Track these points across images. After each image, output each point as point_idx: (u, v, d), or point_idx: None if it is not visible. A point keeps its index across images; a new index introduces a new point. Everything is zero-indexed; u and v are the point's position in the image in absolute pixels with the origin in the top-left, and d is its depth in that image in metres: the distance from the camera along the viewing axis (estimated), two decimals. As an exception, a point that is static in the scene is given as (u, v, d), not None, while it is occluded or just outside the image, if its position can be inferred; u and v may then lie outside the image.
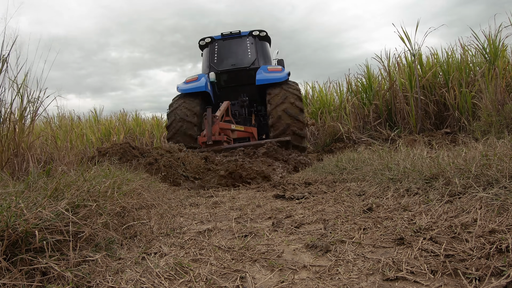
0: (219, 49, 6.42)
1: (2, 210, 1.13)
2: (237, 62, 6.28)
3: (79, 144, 6.41)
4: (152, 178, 2.83)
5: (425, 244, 1.13)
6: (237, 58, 6.31)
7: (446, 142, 3.93)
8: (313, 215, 1.70)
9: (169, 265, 1.16)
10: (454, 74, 5.41)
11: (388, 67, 6.64)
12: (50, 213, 1.21)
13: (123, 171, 2.48)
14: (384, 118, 6.24)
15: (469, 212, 1.34)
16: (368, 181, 2.27)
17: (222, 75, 6.30)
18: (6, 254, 1.04)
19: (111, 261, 1.20)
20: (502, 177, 1.56)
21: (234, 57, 6.33)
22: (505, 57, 5.33)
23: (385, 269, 1.00)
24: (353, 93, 7.58)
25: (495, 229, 1.11)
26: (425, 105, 5.59)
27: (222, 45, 6.43)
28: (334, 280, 0.98)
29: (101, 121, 10.76)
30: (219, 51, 6.41)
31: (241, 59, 6.29)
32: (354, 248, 1.20)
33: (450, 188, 1.65)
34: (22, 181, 2.07)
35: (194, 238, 1.49)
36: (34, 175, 1.78)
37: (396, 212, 1.54)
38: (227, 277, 1.06)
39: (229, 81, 6.39)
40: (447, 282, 0.90)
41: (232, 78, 6.35)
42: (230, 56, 6.35)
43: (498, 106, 3.97)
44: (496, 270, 0.89)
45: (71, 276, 1.02)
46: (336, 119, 7.60)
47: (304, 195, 2.18)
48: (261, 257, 1.20)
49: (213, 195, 2.62)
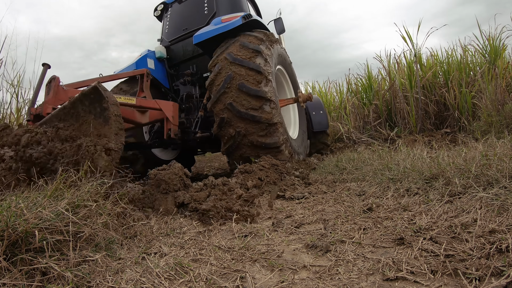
0: (172, 15, 4.72)
1: (2, 210, 1.13)
2: (189, 25, 4.39)
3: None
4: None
5: (425, 244, 1.13)
6: (191, 20, 4.44)
7: (446, 142, 3.93)
8: (313, 215, 1.70)
9: (169, 265, 1.16)
10: (454, 74, 5.41)
11: (388, 67, 6.65)
12: (50, 213, 1.21)
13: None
14: (384, 118, 6.24)
15: (469, 212, 1.34)
16: (368, 181, 2.27)
17: (172, 49, 4.52)
18: (6, 254, 1.04)
19: (111, 261, 1.20)
20: (502, 177, 1.56)
21: (187, 19, 4.49)
22: (505, 57, 5.33)
23: (385, 269, 1.00)
24: (353, 93, 7.58)
25: (495, 229, 1.11)
26: (425, 105, 5.59)
27: (176, 9, 4.71)
28: (334, 280, 0.98)
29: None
30: (171, 17, 4.71)
31: (195, 19, 4.39)
32: (354, 248, 1.20)
33: (450, 188, 1.65)
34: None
35: (194, 238, 1.49)
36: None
37: (396, 212, 1.54)
38: (227, 277, 1.06)
39: (181, 53, 4.46)
40: (447, 282, 0.90)
41: (185, 49, 4.42)
42: (183, 19, 4.56)
43: (498, 106, 3.97)
44: (496, 270, 0.89)
45: (71, 276, 1.02)
46: (336, 119, 7.60)
47: (304, 195, 2.18)
48: (261, 257, 1.20)
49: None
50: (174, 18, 4.66)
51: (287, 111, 4.62)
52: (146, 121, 3.23)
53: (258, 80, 3.23)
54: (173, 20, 4.65)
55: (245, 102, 3.20)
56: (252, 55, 3.37)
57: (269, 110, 3.22)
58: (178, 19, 4.59)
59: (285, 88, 4.60)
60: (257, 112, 3.19)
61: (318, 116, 5.07)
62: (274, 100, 3.27)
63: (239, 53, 3.35)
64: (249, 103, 3.19)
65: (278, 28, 5.03)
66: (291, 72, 4.69)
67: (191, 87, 4.24)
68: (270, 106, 3.24)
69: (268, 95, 3.21)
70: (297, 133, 4.36)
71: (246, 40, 3.50)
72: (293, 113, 4.66)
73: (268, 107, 3.23)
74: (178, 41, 4.46)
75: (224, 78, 3.25)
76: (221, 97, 3.27)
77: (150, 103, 3.24)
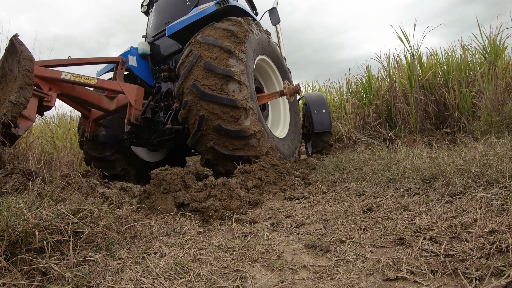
0: (156, 9, 4.47)
1: (2, 210, 1.13)
2: (171, 18, 4.03)
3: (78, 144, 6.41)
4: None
5: (425, 244, 1.13)
6: (173, 13, 4.13)
7: (446, 142, 3.93)
8: (313, 215, 1.70)
9: (169, 265, 1.16)
10: (454, 74, 5.41)
11: (388, 67, 6.65)
12: (50, 213, 1.21)
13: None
14: (384, 118, 6.24)
15: (469, 212, 1.34)
16: (368, 181, 2.27)
17: (156, 44, 4.25)
18: (6, 254, 1.04)
19: (111, 261, 1.20)
20: (502, 177, 1.56)
21: (170, 13, 4.21)
22: (505, 57, 5.33)
23: (385, 269, 1.00)
24: (353, 93, 7.58)
25: (495, 229, 1.11)
26: (425, 105, 5.59)
27: (160, 3, 4.45)
28: (334, 280, 0.98)
29: (101, 121, 10.72)
30: (155, 11, 4.45)
31: (177, 12, 4.06)
32: (354, 248, 1.20)
33: (450, 188, 1.65)
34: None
35: (194, 238, 1.49)
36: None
37: (396, 212, 1.54)
38: (227, 277, 1.06)
39: (165, 48, 4.18)
40: (447, 282, 0.90)
41: (169, 43, 4.09)
42: (166, 13, 4.28)
43: (498, 106, 3.97)
44: (496, 270, 0.89)
45: (71, 276, 1.02)
46: (336, 119, 7.60)
47: (304, 195, 2.18)
48: (261, 257, 1.20)
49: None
50: (158, 12, 4.41)
51: (276, 108, 4.30)
52: (114, 108, 3.09)
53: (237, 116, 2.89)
54: (157, 14, 4.41)
55: (208, 82, 2.91)
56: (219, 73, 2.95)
57: (236, 89, 2.91)
58: (162, 13, 4.34)
59: (273, 80, 4.24)
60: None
61: (320, 115, 4.73)
62: (243, 81, 2.97)
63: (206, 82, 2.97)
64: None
65: (273, 18, 4.78)
66: (280, 62, 4.28)
67: (171, 84, 3.95)
68: (240, 88, 2.94)
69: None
70: (285, 133, 4.03)
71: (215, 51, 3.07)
72: (284, 111, 4.32)
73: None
74: (161, 36, 4.15)
75: (194, 121, 2.97)
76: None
77: (112, 84, 3.03)
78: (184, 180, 2.13)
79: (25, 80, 1.85)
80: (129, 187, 2.59)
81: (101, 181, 2.54)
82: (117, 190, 2.37)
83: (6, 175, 1.79)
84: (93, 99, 2.98)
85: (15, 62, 1.89)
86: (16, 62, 1.88)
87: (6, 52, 1.94)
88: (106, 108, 3.06)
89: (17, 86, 1.82)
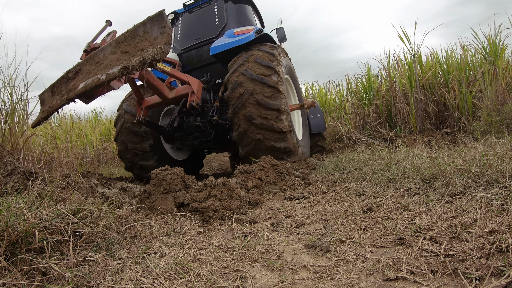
0: (183, 24, 5.00)
1: (2, 210, 1.13)
2: (201, 35, 4.67)
3: (79, 144, 6.41)
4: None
5: (425, 244, 1.13)
6: (202, 30, 4.72)
7: (446, 142, 3.93)
8: (313, 215, 1.70)
9: (169, 265, 1.16)
10: (454, 74, 5.41)
11: (388, 67, 6.64)
12: (50, 213, 1.21)
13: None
14: (384, 118, 6.24)
15: (469, 212, 1.34)
16: (368, 181, 2.27)
17: (185, 56, 4.81)
18: (6, 254, 1.04)
19: (111, 261, 1.20)
20: (502, 177, 1.56)
21: (199, 29, 4.79)
22: (505, 57, 5.33)
23: (385, 269, 1.00)
24: (353, 93, 7.58)
25: (495, 229, 1.11)
26: (425, 105, 5.59)
27: (186, 19, 5.00)
28: (334, 280, 0.98)
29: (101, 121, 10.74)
30: (183, 26, 4.98)
31: (206, 29, 4.68)
32: (354, 248, 1.20)
33: (450, 188, 1.65)
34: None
35: (194, 238, 1.49)
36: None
37: (396, 212, 1.54)
38: (227, 277, 1.06)
39: (194, 61, 4.76)
40: (447, 282, 0.90)
41: (198, 57, 4.72)
42: (195, 29, 4.84)
43: (498, 106, 3.97)
44: (496, 270, 0.89)
45: (71, 276, 1.02)
46: (336, 119, 7.60)
47: (304, 195, 2.18)
48: (261, 257, 1.20)
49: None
50: (185, 27, 4.98)
51: (293, 114, 4.95)
52: (172, 96, 3.60)
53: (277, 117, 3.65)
54: (184, 29, 4.98)
55: (257, 70, 3.74)
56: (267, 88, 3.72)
57: (276, 79, 3.69)
58: (190, 29, 4.92)
59: (290, 96, 5.02)
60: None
61: (315, 118, 5.51)
62: (283, 92, 3.71)
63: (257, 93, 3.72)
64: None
65: (279, 36, 5.36)
66: (297, 83, 5.11)
67: (206, 93, 4.53)
68: (277, 78, 3.73)
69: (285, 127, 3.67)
70: (301, 134, 4.72)
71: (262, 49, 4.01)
72: (297, 118, 5.05)
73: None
74: (191, 49, 4.77)
75: (243, 123, 3.67)
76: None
77: (181, 74, 3.64)
78: (184, 180, 2.13)
79: (169, 40, 2.24)
80: (129, 187, 2.60)
81: (101, 181, 2.55)
82: (117, 190, 2.38)
83: (7, 175, 1.80)
84: (159, 85, 3.39)
85: (156, 27, 2.31)
86: (160, 27, 2.28)
87: (147, 19, 2.37)
88: (166, 95, 3.50)
89: (163, 41, 2.20)
